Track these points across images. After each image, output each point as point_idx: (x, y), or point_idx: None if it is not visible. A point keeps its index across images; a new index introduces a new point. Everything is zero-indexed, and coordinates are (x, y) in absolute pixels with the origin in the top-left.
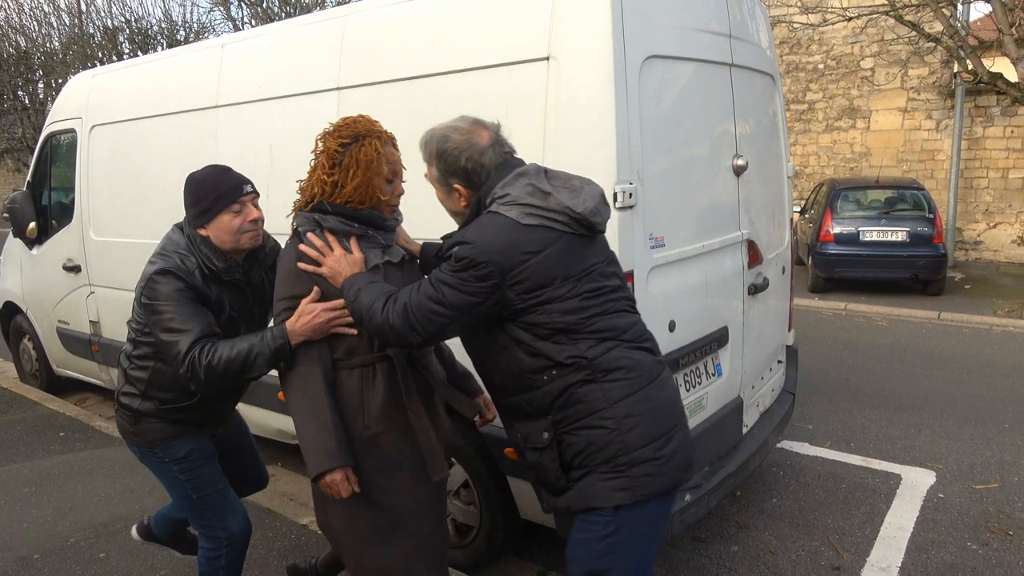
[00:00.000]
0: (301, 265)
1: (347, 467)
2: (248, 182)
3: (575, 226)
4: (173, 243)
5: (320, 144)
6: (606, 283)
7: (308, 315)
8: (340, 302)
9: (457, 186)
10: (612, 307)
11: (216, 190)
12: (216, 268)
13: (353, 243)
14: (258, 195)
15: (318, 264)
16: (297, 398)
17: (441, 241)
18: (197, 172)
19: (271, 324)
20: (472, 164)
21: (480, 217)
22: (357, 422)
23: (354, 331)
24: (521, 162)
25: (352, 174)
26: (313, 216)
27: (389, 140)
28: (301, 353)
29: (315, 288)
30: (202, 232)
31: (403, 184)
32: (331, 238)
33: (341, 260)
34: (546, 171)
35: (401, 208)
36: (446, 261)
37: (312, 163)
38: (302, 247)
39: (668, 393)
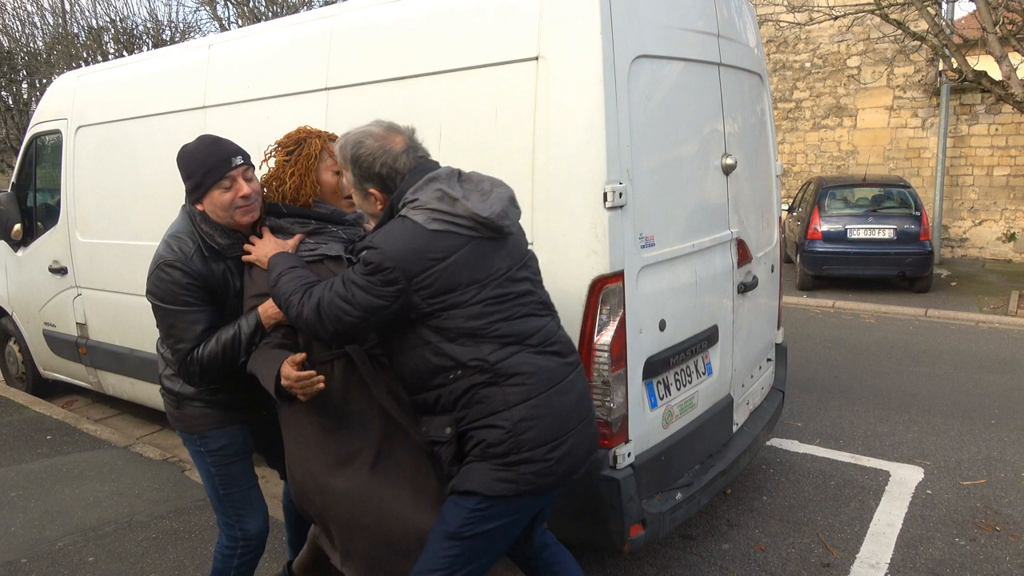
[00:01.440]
0: (245, 258)
1: (287, 358)
2: (238, 153)
3: (482, 230)
4: (177, 226)
5: (271, 161)
6: (513, 289)
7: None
8: None
9: (372, 191)
10: (518, 312)
11: (205, 164)
12: (218, 246)
13: (296, 238)
14: (251, 167)
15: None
16: (253, 360)
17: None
18: (188, 144)
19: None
20: (386, 170)
21: (390, 222)
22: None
23: None
24: (435, 165)
25: (291, 172)
26: (267, 220)
27: (331, 138)
28: (266, 337)
29: None
30: (199, 208)
31: None
32: (264, 231)
33: (266, 244)
34: (459, 175)
35: None
36: (358, 263)
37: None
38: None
39: (569, 398)
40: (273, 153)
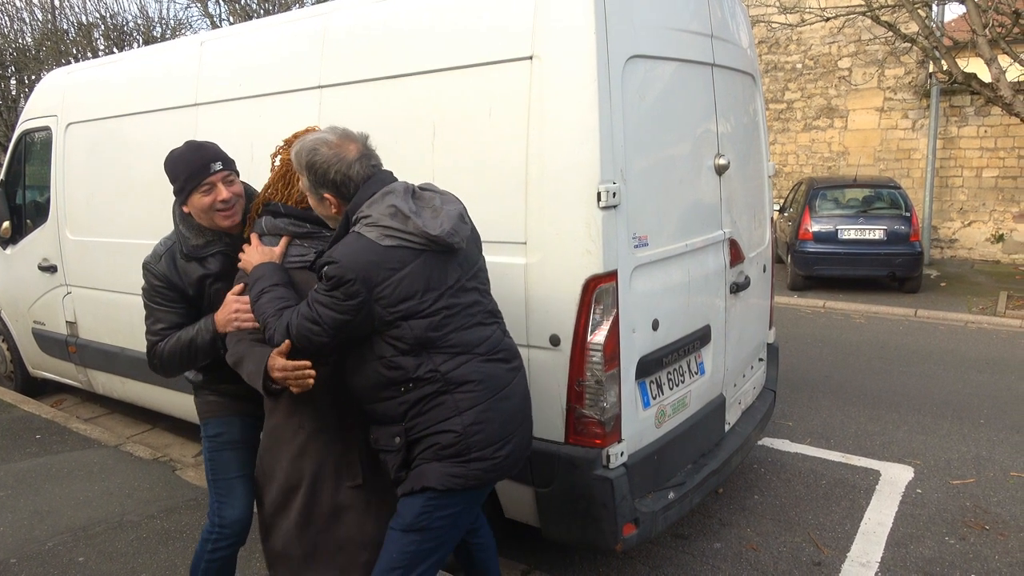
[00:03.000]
0: (240, 264)
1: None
2: (219, 159)
3: (433, 246)
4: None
5: (276, 159)
6: (462, 299)
7: (224, 305)
8: (247, 298)
9: (327, 196)
10: (467, 322)
11: (186, 169)
12: (191, 247)
13: (283, 242)
14: (233, 172)
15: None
16: (234, 354)
17: (310, 266)
18: (176, 149)
19: None
20: (340, 177)
21: (347, 236)
22: (291, 422)
23: (254, 325)
24: (389, 175)
25: (299, 175)
26: (261, 220)
27: None
28: (230, 337)
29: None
30: (185, 209)
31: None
32: (253, 236)
33: (253, 252)
34: (414, 190)
35: None
36: (320, 280)
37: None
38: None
39: (513, 402)
40: (280, 151)
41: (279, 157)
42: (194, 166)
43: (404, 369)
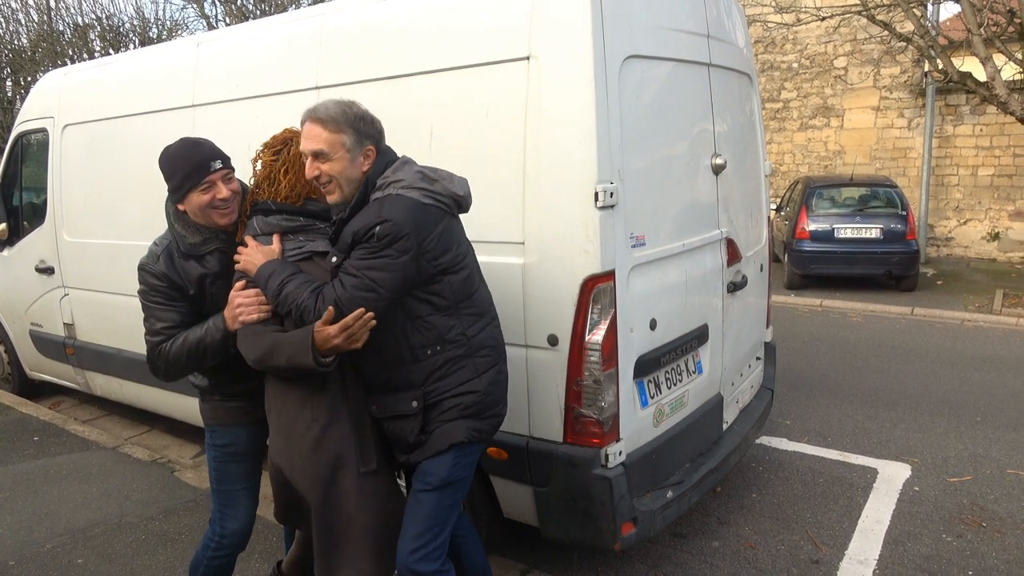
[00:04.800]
0: (237, 267)
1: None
2: (218, 157)
3: (454, 207)
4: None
5: (258, 164)
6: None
7: (228, 303)
8: (251, 291)
9: (371, 148)
10: (480, 284)
11: (185, 167)
12: (188, 246)
13: (275, 239)
14: (231, 170)
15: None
16: (254, 351)
17: (331, 238)
18: (171, 146)
19: None
20: (383, 128)
21: (385, 199)
22: (303, 416)
23: (260, 316)
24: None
25: (285, 171)
26: (253, 221)
27: None
28: (240, 333)
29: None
30: (180, 207)
31: None
32: (248, 239)
33: (253, 252)
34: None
35: None
36: (361, 247)
37: (252, 178)
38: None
39: (507, 365)
40: (260, 155)
41: (260, 161)
42: (193, 164)
43: (437, 330)
